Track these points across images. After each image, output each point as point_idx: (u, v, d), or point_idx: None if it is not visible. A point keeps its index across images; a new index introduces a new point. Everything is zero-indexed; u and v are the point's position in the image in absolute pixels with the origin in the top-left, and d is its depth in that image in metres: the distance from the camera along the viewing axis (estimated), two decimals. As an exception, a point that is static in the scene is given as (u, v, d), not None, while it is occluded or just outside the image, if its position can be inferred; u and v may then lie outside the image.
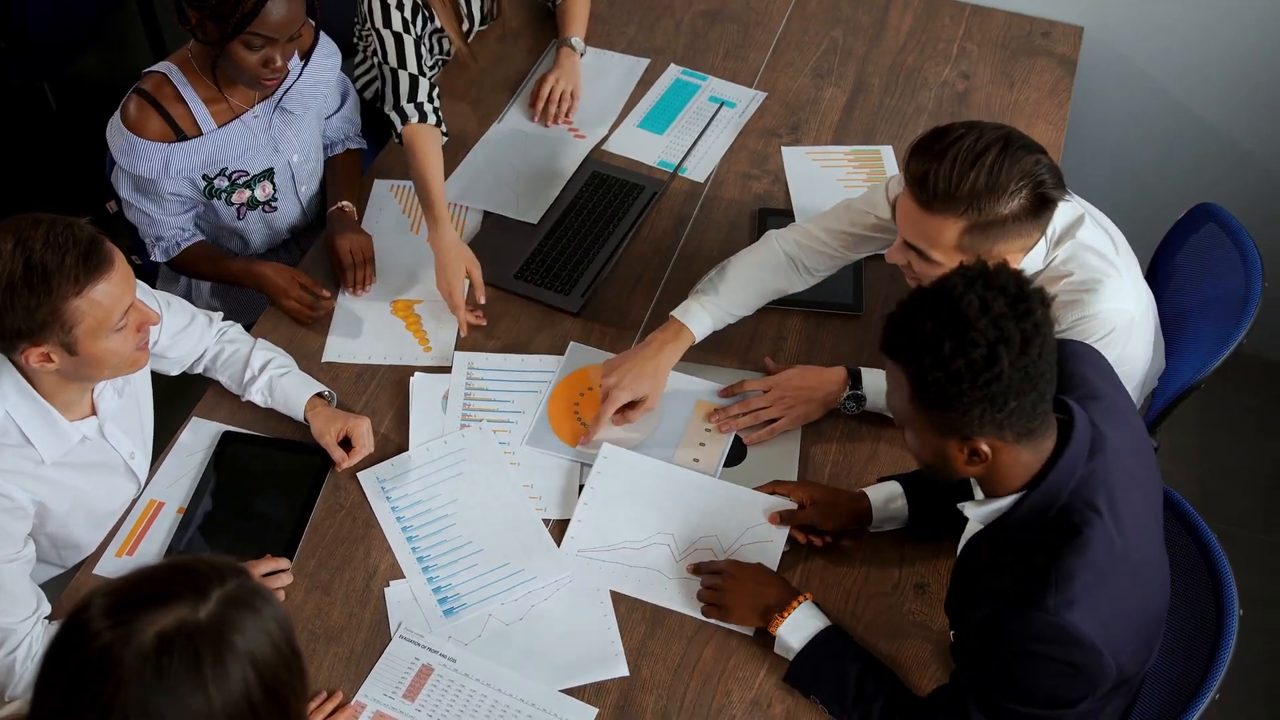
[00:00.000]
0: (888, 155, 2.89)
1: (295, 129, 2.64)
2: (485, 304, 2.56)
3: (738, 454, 2.37)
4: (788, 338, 2.56)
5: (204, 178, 2.54)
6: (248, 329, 2.51)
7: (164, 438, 2.38)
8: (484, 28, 3.15)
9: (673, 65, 3.12)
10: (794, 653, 2.06)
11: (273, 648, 1.30)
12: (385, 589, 2.18)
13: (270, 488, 2.32)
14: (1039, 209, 2.05)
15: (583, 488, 2.31)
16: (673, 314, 2.43)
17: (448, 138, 2.73)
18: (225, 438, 2.38)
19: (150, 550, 2.24)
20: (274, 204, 2.69)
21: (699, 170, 2.88)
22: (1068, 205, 2.23)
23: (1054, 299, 2.18)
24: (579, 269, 2.66)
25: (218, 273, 2.66)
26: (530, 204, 2.79)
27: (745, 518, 2.25)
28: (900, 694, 2.01)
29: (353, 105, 2.84)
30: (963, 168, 2.00)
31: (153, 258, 2.65)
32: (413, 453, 2.36)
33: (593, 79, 3.08)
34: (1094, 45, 3.27)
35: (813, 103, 3.03)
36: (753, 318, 2.55)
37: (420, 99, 2.69)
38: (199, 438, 2.38)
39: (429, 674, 2.08)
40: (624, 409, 2.37)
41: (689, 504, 2.28)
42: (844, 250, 2.45)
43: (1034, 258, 2.19)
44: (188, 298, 2.76)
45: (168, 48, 3.83)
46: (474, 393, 2.45)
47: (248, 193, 2.62)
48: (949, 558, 2.14)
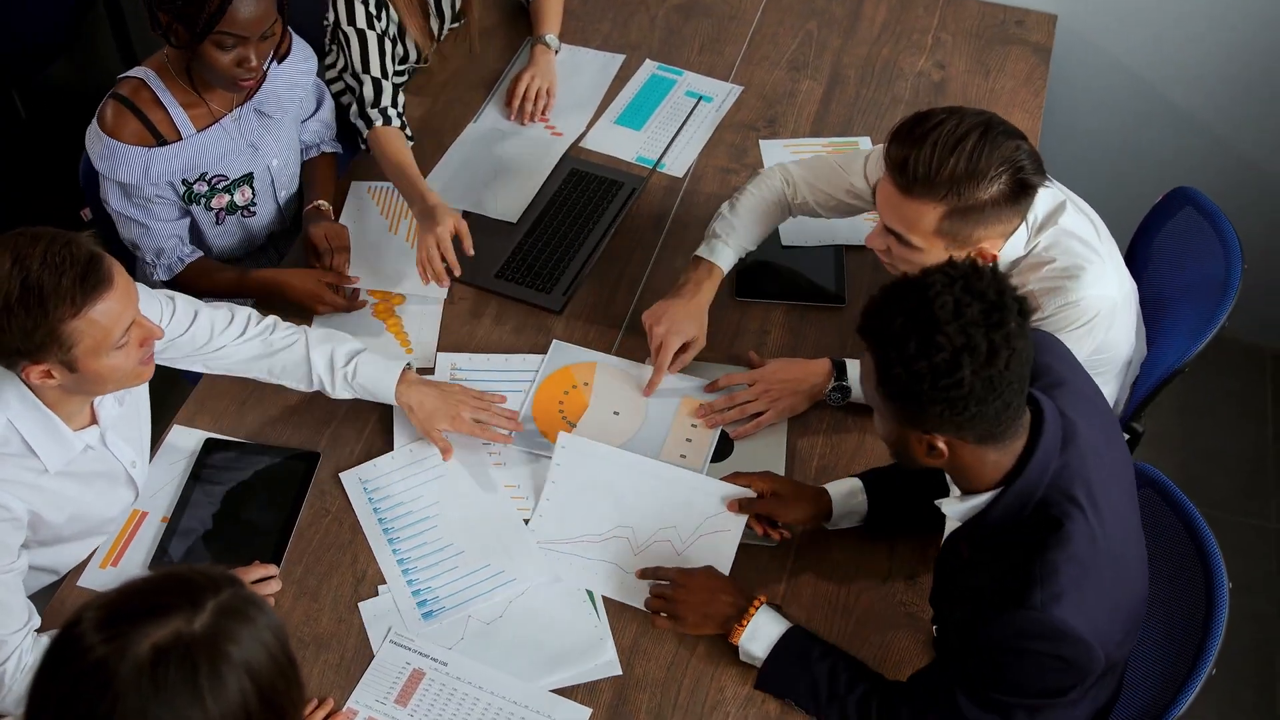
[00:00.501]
0: (865, 146, 2.89)
1: (274, 133, 2.62)
2: (461, 276, 2.55)
3: (724, 449, 2.37)
4: (771, 331, 2.56)
5: (183, 183, 2.51)
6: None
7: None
8: (456, 25, 3.13)
9: (648, 61, 3.11)
10: (760, 661, 2.05)
11: (269, 657, 1.29)
12: (359, 605, 2.15)
13: (255, 494, 2.30)
14: (1019, 195, 2.06)
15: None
16: (698, 254, 2.49)
17: (413, 141, 2.74)
18: (208, 445, 2.36)
19: (135, 560, 2.22)
20: (253, 208, 2.66)
21: (677, 165, 2.87)
22: (1049, 191, 2.23)
23: (1033, 288, 2.20)
24: (560, 267, 2.65)
25: (230, 287, 2.58)
26: (509, 202, 2.77)
27: (705, 507, 2.24)
28: (874, 684, 2.00)
29: (329, 109, 2.83)
30: (943, 153, 2.00)
31: (155, 278, 2.58)
32: (396, 454, 2.34)
33: (568, 76, 3.06)
34: (1067, 33, 3.27)
35: (789, 95, 3.02)
36: (736, 311, 2.56)
37: (384, 104, 2.71)
38: (181, 446, 2.36)
39: (420, 678, 2.06)
40: (678, 355, 2.42)
41: (649, 494, 2.27)
42: (818, 208, 2.51)
43: (1015, 244, 2.19)
44: None
45: (138, 55, 3.80)
46: None
47: (227, 197, 2.59)
48: (938, 549, 2.14)
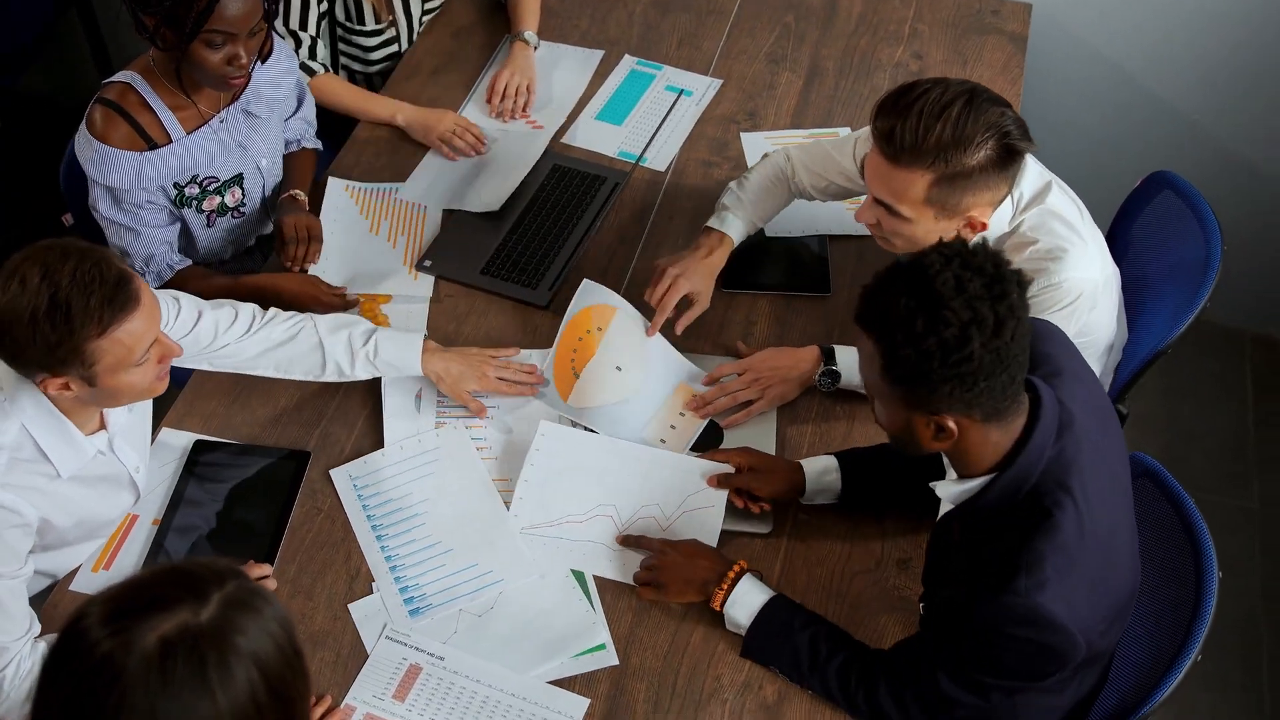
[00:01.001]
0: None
1: (261, 132, 2.62)
2: (446, 273, 2.63)
3: (715, 438, 2.37)
4: (757, 321, 2.57)
5: (175, 186, 2.51)
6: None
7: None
8: (434, 7, 3.15)
9: (627, 56, 3.12)
10: (744, 629, 2.06)
11: (276, 648, 1.29)
12: (349, 606, 2.15)
13: (246, 494, 2.29)
14: (1006, 160, 2.07)
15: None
16: (709, 224, 2.54)
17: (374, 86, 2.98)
18: (197, 447, 2.35)
19: (127, 563, 2.21)
20: (243, 209, 2.67)
21: (659, 159, 2.88)
22: (1036, 172, 2.25)
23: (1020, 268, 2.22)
24: (545, 262, 2.65)
25: (222, 293, 2.52)
26: (491, 197, 2.78)
27: (685, 485, 2.26)
28: (854, 652, 2.01)
29: (310, 106, 2.83)
30: (929, 120, 2.02)
31: (147, 281, 2.55)
32: (386, 451, 2.35)
33: (548, 72, 3.07)
34: (1043, 22, 3.30)
35: (769, 88, 3.04)
36: (722, 302, 2.57)
37: (321, 58, 2.93)
38: (170, 448, 2.35)
39: (418, 673, 2.07)
40: (682, 311, 2.46)
41: (629, 475, 2.28)
42: (812, 190, 2.55)
43: (1000, 220, 2.20)
44: None
45: (112, 62, 3.79)
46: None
47: (218, 199, 2.59)
48: (931, 531, 2.15)
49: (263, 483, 2.31)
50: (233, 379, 2.41)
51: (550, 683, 2.06)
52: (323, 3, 2.90)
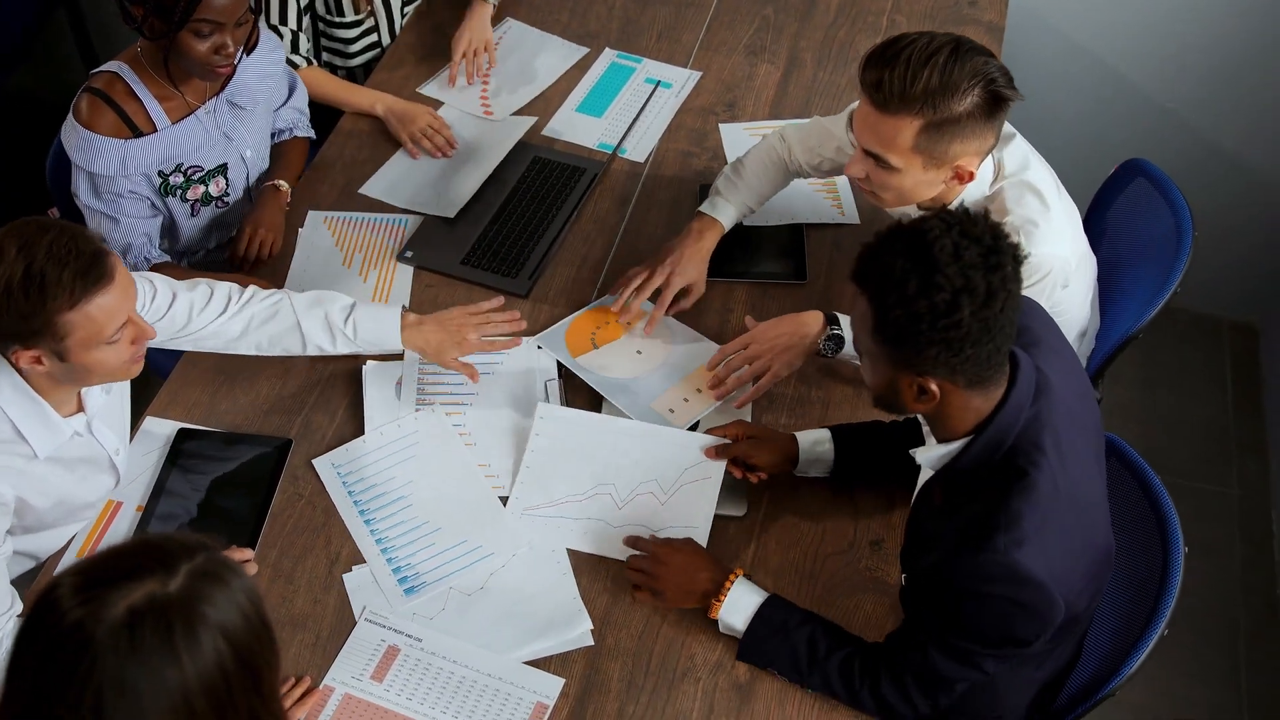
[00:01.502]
0: (843, 193, 2.90)
1: (247, 124, 2.66)
2: (428, 264, 2.65)
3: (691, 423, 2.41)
4: (735, 309, 2.60)
5: (159, 174, 2.54)
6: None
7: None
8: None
9: (608, 49, 3.15)
10: (739, 632, 2.08)
11: (243, 618, 1.32)
12: (343, 576, 2.19)
13: (228, 481, 2.33)
14: (992, 108, 2.11)
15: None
16: (700, 209, 2.59)
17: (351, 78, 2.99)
18: (180, 435, 2.38)
19: (111, 549, 2.24)
20: (226, 199, 2.70)
21: (639, 151, 2.91)
22: (1020, 144, 2.30)
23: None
24: (525, 252, 2.68)
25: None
26: (447, 205, 2.78)
27: (683, 459, 2.30)
28: (853, 646, 2.04)
29: (302, 96, 2.87)
30: (916, 68, 2.06)
31: None
32: (367, 438, 2.38)
33: (531, 58, 3.12)
34: (1019, 12, 3.33)
35: (747, 80, 3.07)
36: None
37: (303, 51, 2.92)
38: (154, 436, 2.38)
39: (396, 654, 2.10)
40: (678, 299, 2.53)
41: (627, 452, 2.32)
42: (808, 167, 2.59)
43: (981, 182, 2.24)
44: None
45: (100, 60, 3.80)
46: (427, 377, 2.47)
47: (202, 188, 2.63)
48: (904, 515, 2.18)
49: (245, 470, 2.34)
50: (216, 368, 2.44)
51: (526, 663, 2.09)
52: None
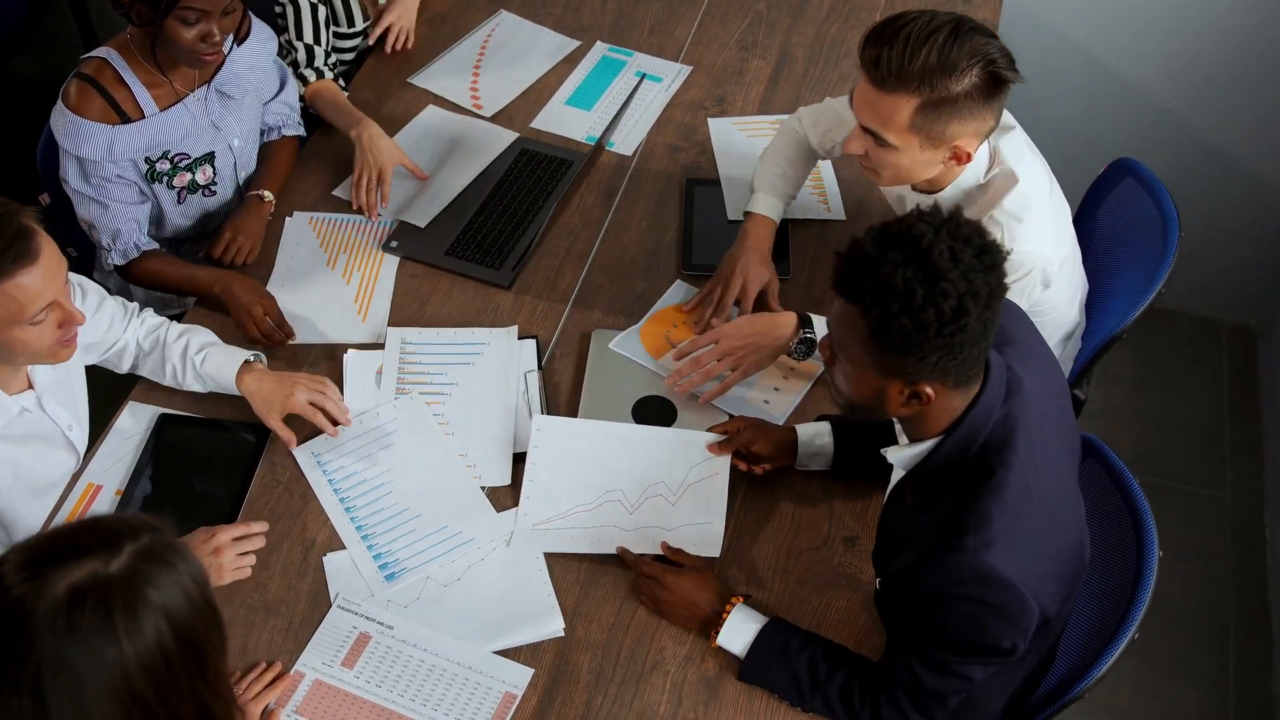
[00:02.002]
0: (831, 192, 2.90)
1: (235, 113, 2.67)
2: (413, 254, 2.64)
3: (668, 416, 2.41)
4: (717, 303, 2.60)
5: (146, 160, 2.56)
6: (178, 318, 2.51)
7: (102, 422, 2.40)
8: None
9: (599, 43, 3.15)
10: (740, 656, 2.07)
11: (187, 600, 1.33)
12: (324, 558, 2.21)
13: (207, 467, 2.34)
14: (991, 89, 2.11)
15: (522, 455, 2.33)
16: (747, 209, 2.60)
17: (347, 92, 2.94)
18: (162, 420, 2.40)
19: (89, 533, 2.26)
20: (213, 188, 2.71)
21: (627, 144, 2.91)
22: (1019, 137, 2.30)
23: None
24: (509, 244, 2.69)
25: (181, 281, 2.60)
26: (425, 207, 2.79)
27: (688, 457, 2.30)
28: (853, 669, 2.02)
29: (292, 90, 2.87)
30: (915, 46, 2.06)
31: (110, 262, 2.60)
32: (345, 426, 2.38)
33: (524, 51, 3.13)
34: (1013, 9, 3.32)
35: (738, 75, 3.07)
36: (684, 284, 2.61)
37: (317, 64, 2.89)
38: (136, 421, 2.40)
39: (367, 641, 2.11)
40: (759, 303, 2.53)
41: (631, 456, 2.32)
42: (820, 150, 2.61)
43: (975, 169, 2.24)
44: (123, 291, 2.78)
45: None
46: (407, 366, 2.48)
47: (189, 176, 2.64)
48: (878, 511, 2.18)
49: (225, 456, 2.35)
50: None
51: (496, 652, 2.10)
52: (319, 9, 2.92)
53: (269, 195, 2.74)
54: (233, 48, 2.56)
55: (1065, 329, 2.59)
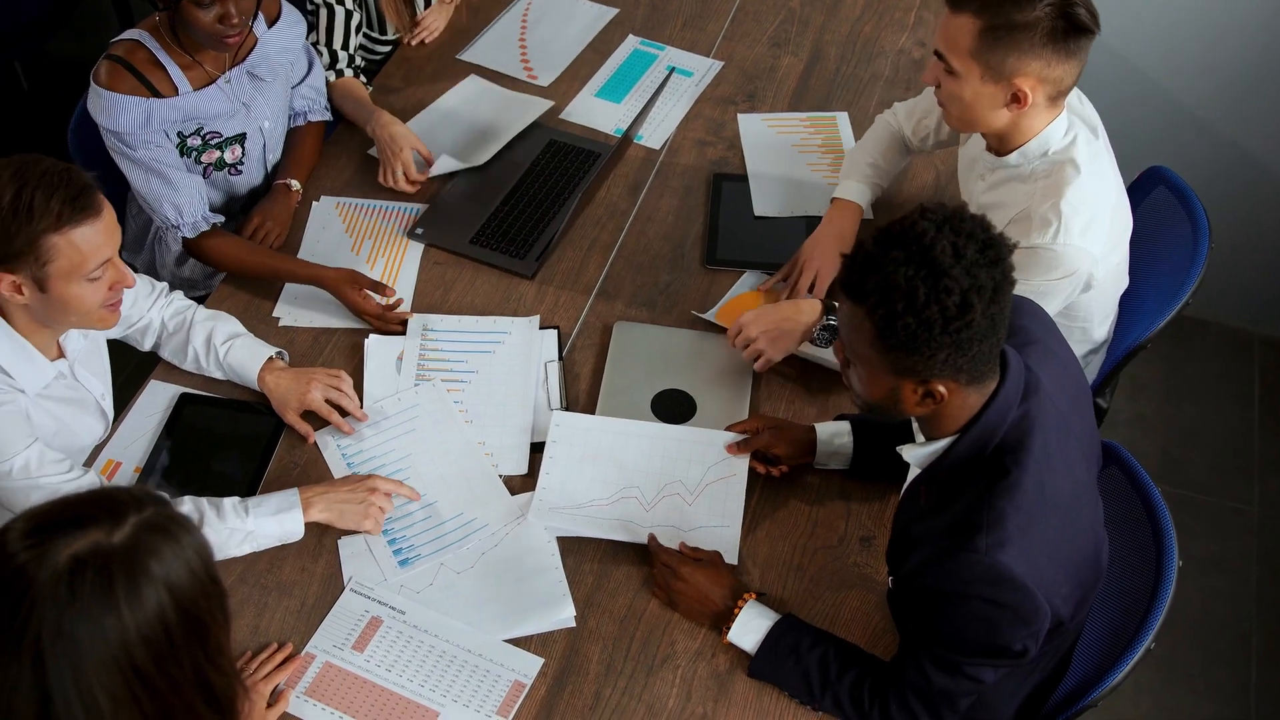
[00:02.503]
0: (843, 121, 2.92)
1: (265, 95, 2.68)
2: (438, 242, 2.66)
3: (688, 409, 2.40)
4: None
5: (179, 134, 2.57)
6: (200, 300, 2.51)
7: (123, 400, 2.41)
8: None
9: (631, 35, 3.15)
10: (750, 654, 2.07)
11: (189, 573, 1.33)
12: (339, 541, 2.21)
13: (226, 447, 2.35)
14: (1064, 33, 2.09)
15: (540, 445, 2.33)
16: (834, 196, 2.62)
17: (370, 89, 2.96)
18: (182, 400, 2.41)
19: (107, 509, 2.27)
20: (240, 167, 2.72)
21: (655, 137, 2.91)
22: (1099, 148, 2.30)
23: (1030, 205, 2.24)
24: (534, 234, 2.69)
25: (258, 266, 2.60)
26: (475, 152, 2.84)
27: (706, 456, 2.29)
28: (864, 668, 2.01)
29: (319, 75, 2.88)
30: None
31: (180, 235, 2.58)
32: (367, 409, 2.39)
33: (562, 23, 3.14)
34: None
35: (769, 71, 3.06)
36: (705, 278, 2.60)
37: (340, 65, 2.91)
38: (156, 399, 2.41)
39: (378, 625, 2.11)
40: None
41: (649, 454, 2.31)
42: (913, 138, 2.64)
43: (1055, 129, 2.23)
44: (151, 270, 2.79)
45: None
46: (428, 353, 2.48)
47: (217, 154, 2.65)
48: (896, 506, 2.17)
49: (243, 437, 2.36)
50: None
51: (507, 641, 2.10)
52: (353, 15, 2.94)
53: (296, 185, 2.75)
54: (264, 30, 2.57)
55: (1093, 344, 2.57)
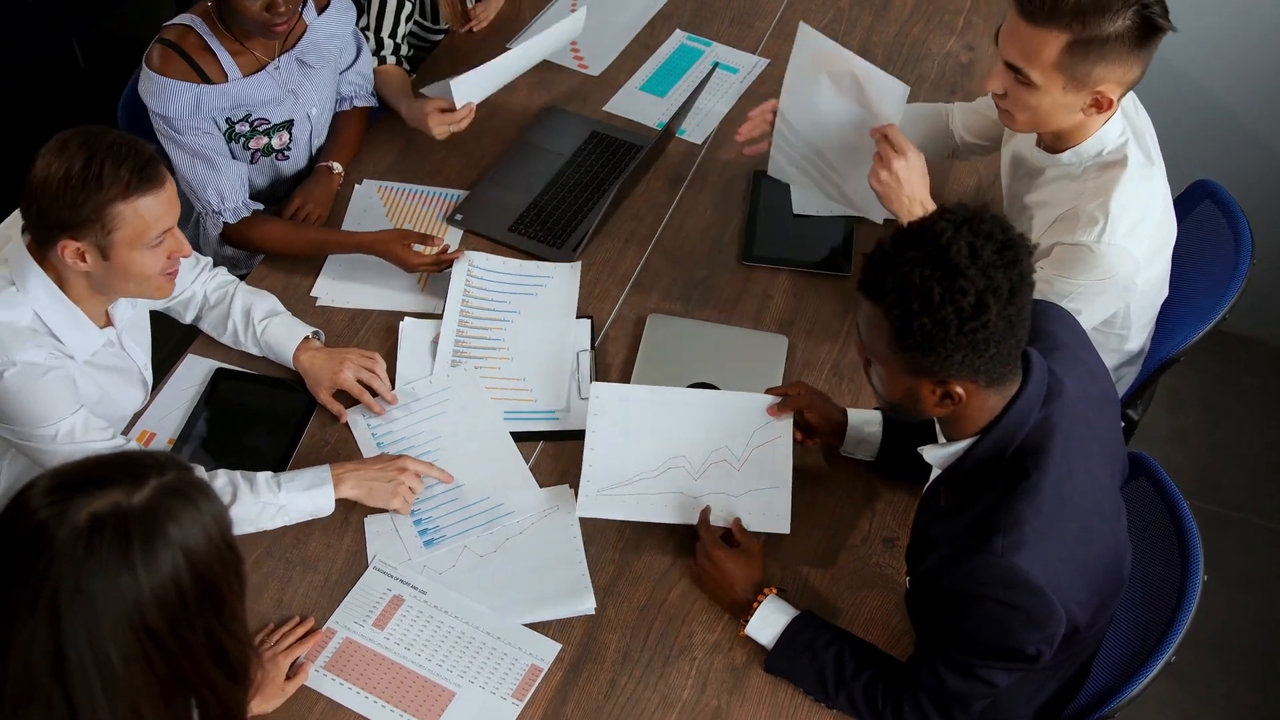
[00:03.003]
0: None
1: (314, 82, 2.71)
2: (475, 228, 2.70)
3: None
4: (775, 296, 2.60)
5: (228, 120, 2.60)
6: (243, 279, 2.55)
7: (162, 372, 2.45)
8: None
9: (678, 30, 3.16)
10: (767, 649, 2.07)
11: (206, 538, 1.35)
12: (365, 520, 2.23)
13: (259, 422, 2.38)
14: (1144, 36, 2.08)
15: (565, 434, 2.34)
16: None
17: (414, 76, 2.99)
18: (218, 374, 2.44)
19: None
20: (286, 153, 2.75)
21: (697, 133, 2.91)
22: (1154, 153, 2.29)
23: (1078, 204, 2.23)
24: (572, 224, 2.70)
25: (310, 247, 2.64)
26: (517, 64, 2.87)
27: (751, 421, 2.29)
28: (880, 668, 2.00)
29: (366, 61, 2.90)
30: None
31: (221, 221, 2.62)
32: (399, 391, 2.41)
33: (613, 11, 3.16)
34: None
35: (815, 71, 3.05)
36: (741, 274, 2.61)
37: (385, 53, 2.93)
38: (193, 373, 2.45)
39: (399, 604, 2.13)
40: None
41: (692, 422, 2.31)
42: (963, 129, 2.65)
43: (1104, 136, 2.23)
44: (195, 248, 2.83)
45: (191, 7, 3.90)
46: (473, 290, 2.54)
47: (265, 140, 2.68)
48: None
49: (276, 413, 2.39)
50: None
51: (526, 625, 2.11)
52: (405, 3, 2.96)
53: (338, 168, 2.78)
54: (313, 17, 2.60)
55: (1128, 355, 2.55)
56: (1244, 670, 3.20)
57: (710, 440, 2.28)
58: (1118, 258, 2.21)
